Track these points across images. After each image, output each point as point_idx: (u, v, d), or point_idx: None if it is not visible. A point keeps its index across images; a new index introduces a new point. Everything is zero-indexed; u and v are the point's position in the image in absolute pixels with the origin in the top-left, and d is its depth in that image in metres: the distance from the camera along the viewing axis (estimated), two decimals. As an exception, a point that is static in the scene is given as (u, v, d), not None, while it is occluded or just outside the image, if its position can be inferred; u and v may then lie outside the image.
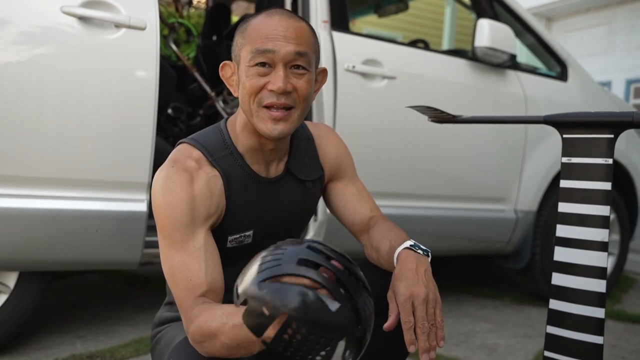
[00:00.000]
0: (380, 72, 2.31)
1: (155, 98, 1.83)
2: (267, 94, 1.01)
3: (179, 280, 0.98)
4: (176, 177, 1.01)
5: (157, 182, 1.02)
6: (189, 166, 1.03)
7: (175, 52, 2.77)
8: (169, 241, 1.00)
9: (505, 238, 2.76)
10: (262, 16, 1.05)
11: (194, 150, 1.07)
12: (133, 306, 2.54)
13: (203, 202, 1.03)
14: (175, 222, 0.99)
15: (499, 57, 2.58)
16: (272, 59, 1.01)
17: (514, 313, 2.80)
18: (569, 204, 1.25)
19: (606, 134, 1.21)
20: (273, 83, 1.00)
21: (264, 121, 1.02)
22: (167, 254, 1.00)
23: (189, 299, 0.96)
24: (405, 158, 2.41)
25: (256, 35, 1.02)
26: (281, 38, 1.01)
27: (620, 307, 3.00)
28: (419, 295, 1.00)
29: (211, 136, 1.10)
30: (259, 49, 1.00)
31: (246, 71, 1.02)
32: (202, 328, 0.89)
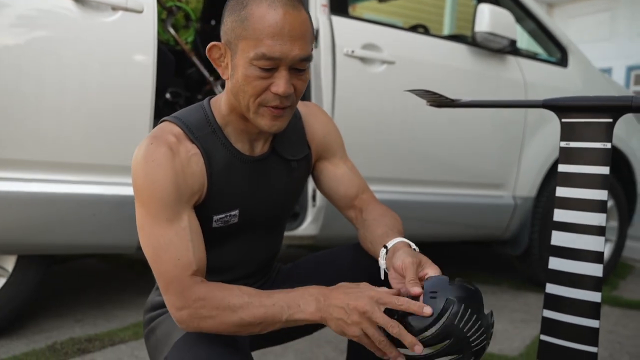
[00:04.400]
0: (380, 57, 2.30)
1: (153, 82, 1.82)
2: (271, 97, 0.99)
3: (165, 259, 0.96)
4: (157, 154, 0.98)
5: (137, 160, 0.99)
6: (168, 141, 1.00)
7: (174, 37, 2.75)
8: (152, 219, 0.96)
9: (503, 224, 2.77)
10: (264, 5, 0.96)
11: (174, 127, 1.04)
12: (132, 290, 2.55)
13: (185, 180, 1.01)
14: (159, 200, 0.96)
15: (499, 43, 2.56)
16: (279, 64, 0.97)
17: (512, 299, 2.81)
18: (566, 188, 1.25)
19: (605, 118, 1.21)
20: (277, 86, 0.97)
21: (264, 118, 1.01)
22: (150, 233, 0.97)
23: (183, 277, 0.96)
24: (403, 143, 2.41)
25: (261, 31, 0.95)
26: (288, 40, 0.95)
27: (618, 293, 3.02)
28: None
29: (193, 114, 1.08)
30: (265, 55, 0.95)
31: (246, 68, 0.97)
32: (217, 303, 0.93)
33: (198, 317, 0.94)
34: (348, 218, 1.30)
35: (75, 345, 1.87)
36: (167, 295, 0.96)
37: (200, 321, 0.94)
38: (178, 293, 0.95)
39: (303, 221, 2.28)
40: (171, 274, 0.96)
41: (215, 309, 0.93)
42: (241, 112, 1.04)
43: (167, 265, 0.96)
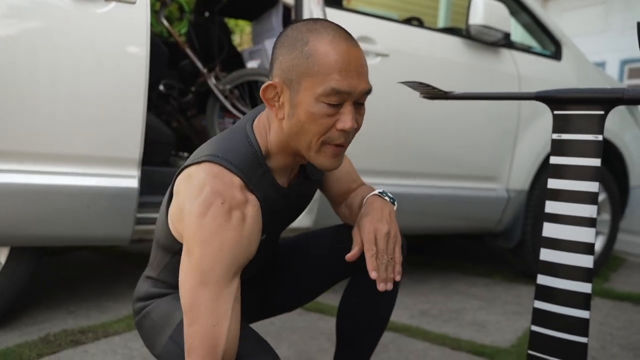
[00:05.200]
0: (374, 50, 2.30)
1: (146, 74, 1.81)
2: (336, 134, 0.98)
3: (202, 320, 0.92)
4: (232, 216, 0.93)
5: (205, 219, 0.92)
6: (238, 201, 0.95)
7: (167, 28, 2.74)
8: (202, 275, 0.92)
9: (496, 217, 2.78)
10: (327, 42, 0.95)
11: (233, 176, 0.98)
12: (125, 282, 2.55)
13: (250, 244, 0.97)
14: (219, 262, 0.93)
15: (493, 36, 2.56)
16: (345, 99, 0.96)
17: (504, 291, 2.83)
18: (558, 180, 1.25)
19: (597, 110, 1.21)
20: (344, 122, 0.97)
21: (326, 157, 1.00)
22: (194, 285, 0.93)
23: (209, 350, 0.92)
24: (397, 136, 2.41)
25: (329, 68, 0.94)
26: (355, 74, 0.95)
27: (609, 285, 3.04)
28: (381, 230, 1.10)
29: (243, 153, 1.02)
30: (335, 89, 0.94)
31: (313, 106, 0.95)
32: None
33: None
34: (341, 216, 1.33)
35: (68, 337, 1.87)
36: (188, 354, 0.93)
37: None
38: None
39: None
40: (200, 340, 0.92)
41: None
42: (295, 151, 1.03)
43: (201, 328, 0.92)
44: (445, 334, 2.12)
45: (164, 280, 1.17)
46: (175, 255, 1.11)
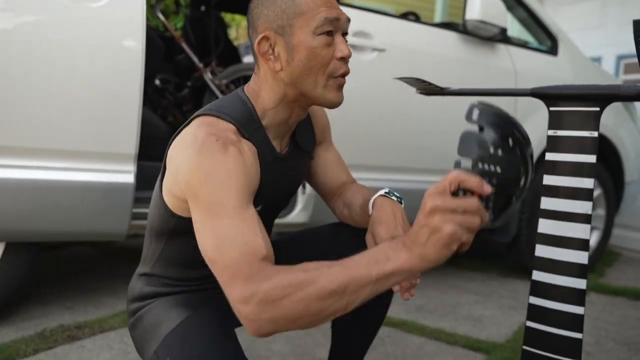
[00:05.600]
0: (370, 44, 2.30)
1: (142, 68, 1.81)
2: (338, 64, 1.02)
3: (232, 248, 0.85)
4: (225, 149, 0.93)
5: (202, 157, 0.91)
6: (232, 139, 0.96)
7: (163, 22, 2.73)
8: (217, 209, 0.88)
9: (492, 212, 2.78)
10: None
11: (226, 123, 0.99)
12: (122, 278, 2.55)
13: (252, 175, 0.97)
14: (229, 190, 0.89)
15: (490, 31, 2.56)
16: (336, 27, 1.01)
17: (500, 285, 2.84)
18: (553, 176, 1.26)
19: (592, 106, 1.21)
20: (342, 51, 1.01)
21: (333, 91, 1.03)
22: (213, 227, 0.88)
23: (252, 262, 0.84)
24: (394, 131, 2.41)
25: (316, 3, 1.00)
26: (334, 6, 1.02)
27: (604, 280, 3.06)
28: None
29: (237, 108, 1.04)
30: (328, 18, 0.99)
31: (310, 41, 0.99)
32: (290, 278, 0.79)
33: (270, 302, 0.79)
34: (333, 209, 1.31)
35: (64, 332, 1.87)
36: (232, 288, 0.83)
37: (272, 307, 0.79)
38: (245, 280, 0.82)
39: (293, 209, 2.29)
40: (238, 262, 0.84)
41: (288, 287, 0.79)
42: (294, 97, 1.05)
43: (234, 252, 0.85)
44: (441, 329, 2.13)
45: (158, 274, 1.15)
46: (170, 237, 1.09)
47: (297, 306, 0.79)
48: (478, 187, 0.75)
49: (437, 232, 0.74)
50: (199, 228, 0.91)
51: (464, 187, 0.77)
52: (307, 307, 0.79)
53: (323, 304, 0.79)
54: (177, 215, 1.05)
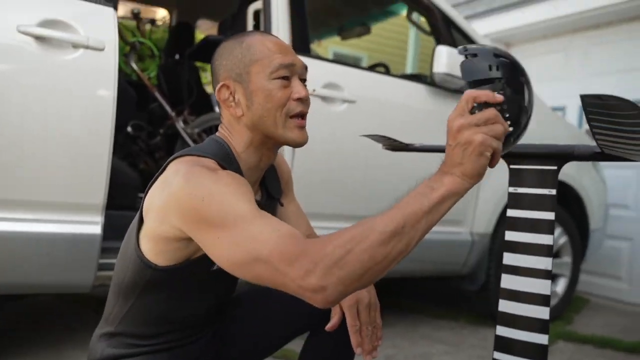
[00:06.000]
0: (341, 96, 2.35)
1: (113, 119, 1.82)
2: (294, 104, 1.06)
3: (267, 237, 0.83)
4: (217, 171, 0.95)
5: (195, 182, 0.91)
6: (216, 167, 0.99)
7: (136, 72, 2.76)
8: (232, 219, 0.87)
9: (461, 260, 2.81)
10: (258, 35, 1.10)
11: (208, 159, 1.00)
12: (85, 329, 2.48)
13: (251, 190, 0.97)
14: (236, 197, 0.89)
15: (456, 83, 2.64)
16: (292, 72, 1.07)
17: (470, 334, 2.84)
18: (515, 232, 1.29)
19: (550, 165, 1.26)
20: (299, 92, 1.06)
21: (293, 130, 1.07)
22: (232, 234, 0.86)
23: (297, 238, 0.83)
24: (364, 182, 2.44)
25: (270, 50, 1.06)
26: (290, 53, 1.08)
27: (572, 328, 3.08)
28: (363, 301, 1.12)
29: (216, 149, 1.07)
30: (282, 63, 1.05)
31: (266, 85, 1.04)
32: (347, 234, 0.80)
33: (336, 263, 0.78)
34: None
35: (23, 388, 1.81)
36: (289, 269, 0.80)
37: (339, 267, 0.78)
38: (300, 255, 0.80)
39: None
40: (282, 244, 0.82)
41: (350, 241, 0.79)
42: (260, 141, 1.08)
43: (272, 239, 0.83)
44: (411, 380, 2.12)
45: (123, 333, 1.12)
46: (142, 292, 1.07)
47: (362, 257, 0.79)
48: (490, 97, 0.84)
49: (469, 144, 0.82)
50: (218, 247, 0.88)
51: (479, 101, 0.85)
52: (373, 256, 0.79)
53: (386, 248, 0.80)
54: (154, 266, 1.03)
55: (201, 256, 1.02)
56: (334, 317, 1.12)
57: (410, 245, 0.83)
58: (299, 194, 1.52)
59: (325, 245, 0.80)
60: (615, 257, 3.99)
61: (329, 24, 3.87)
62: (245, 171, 1.10)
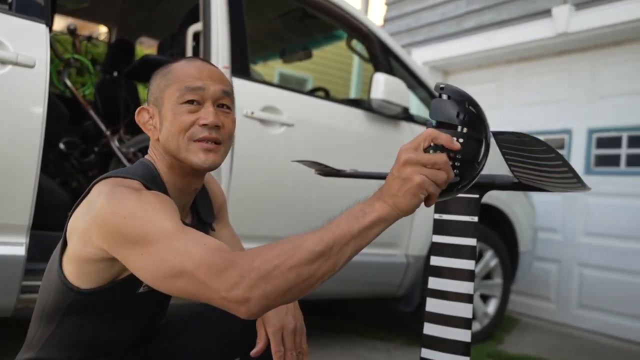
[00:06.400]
0: (279, 119, 2.37)
1: (41, 137, 1.77)
2: (198, 129, 1.05)
3: (192, 250, 0.84)
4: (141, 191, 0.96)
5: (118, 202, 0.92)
6: (142, 187, 1.00)
7: (70, 88, 2.69)
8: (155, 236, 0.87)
9: (397, 281, 2.87)
10: (183, 61, 1.11)
11: (133, 180, 1.02)
12: (6, 355, 2.37)
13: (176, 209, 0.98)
14: (159, 215, 0.90)
15: (393, 109, 2.72)
16: (202, 96, 1.06)
17: (404, 355, 2.89)
18: (439, 257, 1.33)
19: (472, 194, 1.32)
20: (205, 118, 1.05)
21: (196, 153, 1.06)
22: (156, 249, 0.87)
23: (223, 254, 0.84)
24: (301, 204, 2.46)
25: (184, 75, 1.07)
26: (208, 78, 1.08)
27: (502, 347, 3.18)
28: (289, 327, 1.13)
29: (141, 171, 1.07)
30: (188, 87, 1.05)
31: (174, 109, 1.06)
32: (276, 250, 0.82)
33: (262, 277, 0.79)
34: None
35: None
36: (215, 282, 0.81)
37: (265, 282, 0.79)
38: (226, 268, 0.81)
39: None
40: (208, 258, 0.83)
41: (277, 257, 0.80)
42: (177, 165, 1.08)
43: (198, 253, 0.84)
44: (344, 403, 2.13)
45: (44, 358, 1.09)
46: (64, 316, 1.05)
47: (288, 274, 0.80)
48: (449, 143, 0.84)
49: (408, 181, 0.82)
50: (142, 263, 0.89)
51: (436, 143, 0.85)
52: (299, 274, 0.80)
53: (312, 267, 0.81)
54: (76, 289, 1.02)
55: (125, 278, 1.02)
56: (259, 343, 1.12)
57: (337, 266, 0.84)
58: (236, 216, 1.52)
59: (253, 259, 0.81)
60: (544, 279, 4.17)
61: (272, 47, 3.91)
62: (173, 193, 1.10)
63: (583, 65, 4.11)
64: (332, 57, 7.56)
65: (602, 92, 3.98)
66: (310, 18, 3.21)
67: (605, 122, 3.92)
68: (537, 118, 4.33)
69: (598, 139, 3.96)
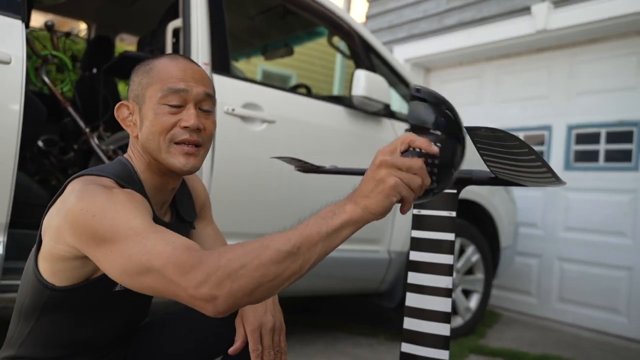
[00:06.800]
0: (260, 116, 2.37)
1: (18, 134, 1.75)
2: (180, 131, 1.05)
3: (161, 248, 0.84)
4: (113, 189, 0.96)
5: (89, 200, 0.91)
6: (113, 184, 1.00)
7: (48, 85, 2.66)
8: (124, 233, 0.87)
9: (379, 277, 2.88)
10: (166, 59, 1.09)
11: (107, 179, 1.01)
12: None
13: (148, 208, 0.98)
14: (129, 213, 0.90)
15: (374, 106, 2.73)
16: (185, 99, 1.05)
17: (387, 351, 2.90)
18: (418, 252, 1.34)
19: (450, 189, 1.33)
20: (186, 120, 1.04)
21: (176, 156, 1.05)
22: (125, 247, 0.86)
23: (192, 250, 0.84)
24: (282, 201, 2.46)
25: (166, 75, 1.05)
26: (191, 79, 1.06)
27: (484, 341, 3.21)
28: (267, 325, 1.13)
29: (117, 169, 1.07)
30: (171, 88, 1.04)
31: (155, 109, 1.05)
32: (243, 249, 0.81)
33: (229, 275, 0.79)
34: None
35: None
36: (182, 279, 0.81)
37: (231, 280, 0.79)
38: (194, 266, 0.81)
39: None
40: (176, 255, 0.82)
41: (244, 256, 0.80)
42: (156, 165, 1.08)
43: (166, 250, 0.83)
44: (326, 399, 2.13)
45: (24, 356, 1.09)
46: (42, 313, 1.05)
47: (254, 274, 0.80)
48: (426, 146, 0.83)
49: (381, 183, 0.81)
50: (111, 260, 0.88)
51: (414, 146, 0.85)
52: (265, 274, 0.80)
53: (279, 267, 0.81)
54: (51, 287, 1.02)
55: (101, 277, 1.02)
56: (237, 341, 1.12)
57: (305, 268, 0.83)
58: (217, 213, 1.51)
59: (221, 257, 0.81)
60: (525, 273, 4.21)
61: (254, 44, 3.90)
62: (150, 192, 1.10)
63: (562, 62, 4.15)
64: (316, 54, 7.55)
65: (580, 88, 4.03)
66: (292, 15, 3.21)
67: (584, 118, 3.97)
68: (517, 114, 4.37)
69: (577, 135, 4.01)
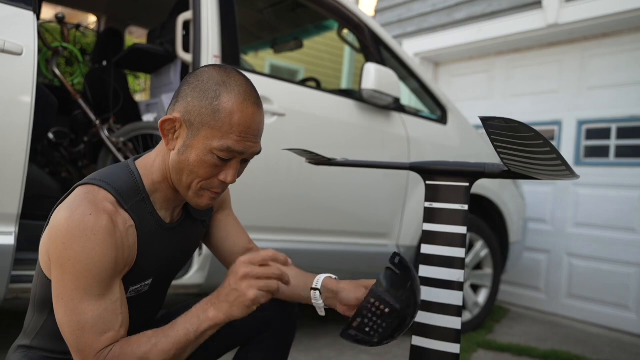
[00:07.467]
0: (270, 109, 2.36)
1: (30, 126, 1.75)
2: (217, 183, 1.04)
3: (91, 334, 0.95)
4: (97, 227, 0.94)
5: (70, 230, 0.94)
6: (108, 210, 0.97)
7: (59, 77, 2.66)
8: (82, 294, 0.95)
9: (388, 272, 2.87)
10: (235, 100, 0.99)
11: (106, 194, 1.00)
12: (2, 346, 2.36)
13: (124, 253, 1.00)
14: (95, 277, 0.95)
15: (384, 100, 2.72)
16: (235, 157, 1.02)
17: (395, 345, 2.90)
18: (430, 245, 1.34)
19: (462, 182, 1.32)
20: (227, 176, 1.03)
21: (202, 199, 1.06)
22: (76, 308, 0.95)
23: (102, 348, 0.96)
24: (293, 194, 2.46)
25: (231, 127, 0.99)
26: (252, 136, 1.02)
27: (492, 337, 3.21)
28: None
29: (121, 177, 1.05)
30: (230, 148, 0.99)
31: (204, 154, 1.00)
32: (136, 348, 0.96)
33: None
34: None
35: None
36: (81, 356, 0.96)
37: None
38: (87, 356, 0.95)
39: (189, 270, 2.25)
40: (93, 347, 0.95)
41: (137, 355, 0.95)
42: (172, 184, 1.07)
43: (91, 339, 0.95)
44: (335, 392, 2.13)
45: (38, 347, 1.10)
46: (53, 308, 1.05)
47: None
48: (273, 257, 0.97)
49: (243, 295, 0.94)
50: (59, 299, 0.96)
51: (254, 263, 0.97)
52: None
53: None
54: None
55: None
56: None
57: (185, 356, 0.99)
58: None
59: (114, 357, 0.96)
60: (534, 269, 4.20)
61: (263, 37, 3.89)
62: (158, 205, 1.10)
63: (573, 56, 4.12)
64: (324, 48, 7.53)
65: (591, 83, 4.00)
66: (302, 8, 3.20)
67: (595, 113, 3.94)
68: (527, 109, 4.35)
69: (587, 130, 3.99)
